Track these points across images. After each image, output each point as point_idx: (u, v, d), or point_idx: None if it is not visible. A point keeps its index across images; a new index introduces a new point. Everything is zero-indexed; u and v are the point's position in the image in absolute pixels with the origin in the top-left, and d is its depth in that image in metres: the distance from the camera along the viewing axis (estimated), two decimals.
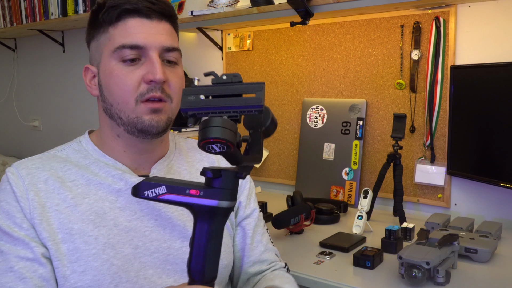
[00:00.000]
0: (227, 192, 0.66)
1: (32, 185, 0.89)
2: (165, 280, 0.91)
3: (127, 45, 0.89)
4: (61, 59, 3.06)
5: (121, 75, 0.89)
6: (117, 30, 0.90)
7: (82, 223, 0.88)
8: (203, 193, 0.65)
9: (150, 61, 0.90)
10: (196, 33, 2.39)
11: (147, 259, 0.91)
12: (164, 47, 0.91)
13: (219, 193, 0.66)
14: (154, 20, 0.91)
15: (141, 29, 0.90)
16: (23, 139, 3.41)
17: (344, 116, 1.93)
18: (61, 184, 0.90)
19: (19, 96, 3.40)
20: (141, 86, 0.89)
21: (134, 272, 0.89)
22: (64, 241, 0.86)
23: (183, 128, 2.27)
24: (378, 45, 1.85)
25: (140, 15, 0.90)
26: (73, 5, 2.52)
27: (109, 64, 0.91)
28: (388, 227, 1.37)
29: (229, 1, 2.02)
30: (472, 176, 1.57)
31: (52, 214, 0.87)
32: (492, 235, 1.37)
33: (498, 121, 1.46)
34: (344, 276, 1.21)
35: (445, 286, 1.12)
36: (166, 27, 0.93)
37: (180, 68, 0.97)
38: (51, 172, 0.91)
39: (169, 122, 0.93)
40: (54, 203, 0.88)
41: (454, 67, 1.62)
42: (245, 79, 2.24)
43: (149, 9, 0.90)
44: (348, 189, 1.89)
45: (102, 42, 0.93)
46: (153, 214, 0.93)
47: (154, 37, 0.90)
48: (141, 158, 0.97)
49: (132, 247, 0.90)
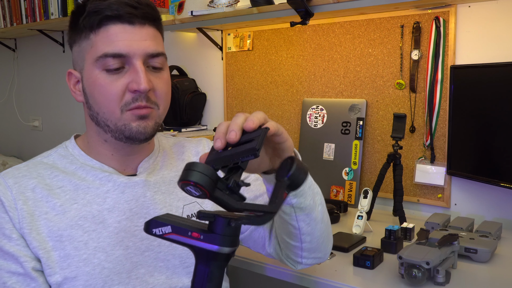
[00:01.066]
0: (227, 239, 0.66)
1: (20, 193, 0.88)
2: (157, 277, 0.92)
3: (110, 54, 0.86)
4: (61, 59, 3.06)
5: (105, 85, 0.87)
6: (99, 37, 0.87)
7: (71, 229, 0.88)
8: (203, 237, 0.66)
9: (134, 70, 0.87)
10: (196, 33, 2.39)
11: (138, 258, 0.91)
12: (148, 53, 0.88)
13: (219, 239, 0.66)
14: (136, 26, 0.88)
15: (124, 36, 0.87)
16: (23, 139, 3.41)
17: (344, 116, 1.93)
18: (49, 191, 0.89)
19: (19, 96, 3.40)
20: (126, 95, 0.87)
21: (126, 273, 0.89)
22: (55, 249, 0.86)
23: (183, 128, 2.27)
24: (378, 45, 1.85)
25: (122, 21, 0.87)
26: (73, 5, 2.52)
27: (93, 72, 0.88)
28: (388, 227, 1.37)
29: (229, 1, 2.02)
30: (472, 176, 1.57)
31: (41, 223, 0.87)
32: (492, 235, 1.37)
33: (498, 121, 1.46)
34: (344, 276, 1.21)
35: (445, 286, 1.12)
36: (149, 31, 0.90)
37: (166, 72, 0.94)
38: (38, 179, 0.90)
39: (157, 127, 0.93)
40: (43, 212, 0.88)
41: (454, 67, 1.62)
42: (245, 79, 2.24)
43: (131, 14, 0.87)
44: (348, 189, 1.89)
45: (84, 48, 0.90)
46: (142, 212, 0.93)
47: (138, 44, 0.87)
48: (128, 160, 0.98)
49: (123, 248, 0.90)
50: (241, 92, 2.27)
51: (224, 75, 2.32)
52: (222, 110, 2.35)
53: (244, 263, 1.32)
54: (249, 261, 1.31)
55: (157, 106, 0.91)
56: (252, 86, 2.23)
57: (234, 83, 2.29)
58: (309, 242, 0.92)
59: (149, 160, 1.00)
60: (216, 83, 2.37)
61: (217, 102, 2.37)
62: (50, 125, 3.21)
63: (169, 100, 0.96)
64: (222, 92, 2.34)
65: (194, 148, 1.09)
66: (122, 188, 0.93)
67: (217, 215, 0.66)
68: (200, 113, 2.40)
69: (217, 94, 2.37)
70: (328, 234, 0.97)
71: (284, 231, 0.92)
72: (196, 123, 2.38)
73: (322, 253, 0.98)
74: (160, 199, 0.97)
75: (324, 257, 1.00)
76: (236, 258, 1.31)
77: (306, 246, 0.93)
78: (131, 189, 0.94)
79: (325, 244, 0.97)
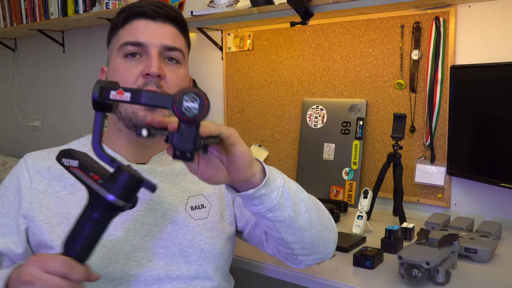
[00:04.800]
0: (124, 192, 0.68)
1: (37, 173, 0.97)
2: (155, 263, 0.93)
3: (130, 42, 0.95)
4: (61, 59, 3.06)
5: (123, 70, 0.95)
6: (125, 31, 0.97)
7: (78, 208, 0.91)
8: (102, 181, 0.67)
9: (149, 57, 0.94)
10: (196, 33, 2.39)
11: (138, 242, 0.93)
12: (165, 45, 0.95)
13: (116, 190, 0.67)
14: (158, 22, 0.97)
15: (145, 29, 0.95)
16: (23, 139, 3.41)
17: (344, 116, 1.93)
18: (62, 171, 0.96)
19: (19, 96, 3.40)
20: (139, 80, 0.94)
21: (124, 254, 0.91)
22: (59, 224, 0.92)
23: None
24: (378, 45, 1.85)
25: (146, 17, 0.96)
26: (73, 5, 2.52)
27: (115, 60, 0.97)
28: (388, 227, 1.37)
29: (229, 1, 2.02)
30: (472, 176, 1.57)
31: (52, 200, 0.94)
32: (492, 235, 1.37)
33: (498, 121, 1.46)
34: (344, 276, 1.21)
35: (445, 286, 1.12)
36: (170, 29, 0.98)
37: (183, 68, 1.00)
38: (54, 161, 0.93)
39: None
40: (55, 190, 0.95)
41: (454, 67, 1.62)
42: (245, 79, 2.24)
43: (154, 11, 0.96)
44: (348, 189, 1.89)
45: (113, 43, 1.00)
46: (145, 198, 0.95)
47: (156, 37, 0.95)
48: (142, 153, 1.01)
49: (123, 230, 0.92)
50: (241, 92, 2.27)
51: (224, 75, 2.32)
52: (222, 110, 2.35)
53: (244, 263, 1.32)
54: (249, 261, 1.31)
55: None
56: (252, 86, 2.23)
57: (234, 83, 2.29)
58: (300, 248, 0.90)
59: (162, 155, 1.03)
60: (216, 83, 2.37)
61: (217, 102, 2.37)
62: (50, 125, 3.21)
63: None
64: (222, 92, 2.34)
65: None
66: None
67: (124, 168, 0.67)
68: None
69: (217, 94, 2.36)
70: (325, 237, 0.93)
71: (272, 238, 0.91)
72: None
73: (321, 254, 0.95)
74: (165, 188, 0.99)
75: (326, 257, 0.97)
76: (236, 258, 1.31)
77: (298, 252, 0.91)
78: None
79: (321, 246, 0.93)
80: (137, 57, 0.95)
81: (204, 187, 1.03)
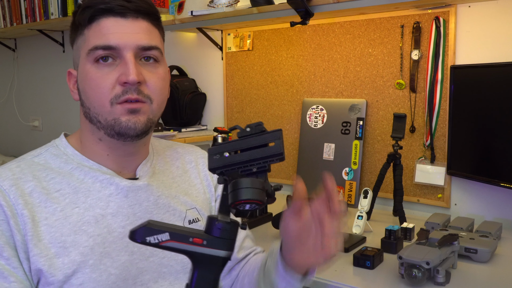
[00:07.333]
0: (231, 243, 0.66)
1: (19, 197, 0.83)
2: (161, 283, 0.91)
3: (100, 46, 0.84)
4: (61, 59, 3.06)
5: (96, 78, 0.85)
6: (91, 31, 0.86)
7: (75, 235, 0.84)
8: (207, 242, 0.65)
9: (124, 62, 0.84)
10: (196, 33, 2.39)
11: (143, 264, 0.90)
12: (140, 46, 0.86)
13: (224, 244, 0.65)
14: (129, 19, 0.86)
15: (115, 29, 0.85)
16: (23, 139, 3.41)
17: (344, 116, 1.93)
18: (47, 196, 0.85)
19: (19, 96, 3.40)
20: (116, 88, 0.84)
21: (132, 279, 0.88)
22: (58, 256, 0.82)
23: (183, 128, 2.27)
24: (378, 45, 1.85)
25: (114, 15, 0.85)
26: (73, 5, 2.52)
27: (85, 67, 0.86)
28: (388, 227, 1.37)
29: (229, 1, 2.02)
30: (472, 176, 1.57)
31: (42, 229, 0.83)
32: (492, 235, 1.37)
33: (498, 121, 1.46)
34: (344, 276, 1.21)
35: (445, 286, 1.12)
36: (143, 25, 0.87)
37: (162, 66, 0.91)
38: (35, 182, 0.86)
39: (150, 123, 0.88)
40: (43, 217, 0.84)
41: (454, 67, 1.62)
42: (245, 79, 2.24)
43: (123, 7, 0.85)
44: (348, 189, 1.89)
45: (79, 45, 0.89)
46: (145, 217, 0.91)
47: (129, 37, 0.85)
48: (125, 161, 0.94)
49: (128, 253, 0.88)
50: (241, 92, 2.27)
51: (224, 75, 2.32)
52: (222, 110, 2.35)
53: None
54: None
55: (149, 100, 0.87)
56: (252, 86, 2.23)
57: (234, 83, 2.29)
58: None
59: (146, 163, 0.97)
60: (216, 83, 2.37)
61: (217, 102, 2.37)
62: (50, 125, 3.21)
63: (164, 96, 0.92)
64: (222, 92, 2.34)
65: (188, 155, 1.07)
66: (125, 192, 0.91)
67: (233, 221, 0.66)
68: (200, 113, 2.40)
69: (217, 94, 2.36)
70: None
71: None
72: (196, 123, 2.38)
73: None
74: (164, 204, 0.95)
75: None
76: None
77: None
78: (134, 193, 0.92)
79: None
80: (110, 61, 0.85)
81: (196, 199, 1.01)
